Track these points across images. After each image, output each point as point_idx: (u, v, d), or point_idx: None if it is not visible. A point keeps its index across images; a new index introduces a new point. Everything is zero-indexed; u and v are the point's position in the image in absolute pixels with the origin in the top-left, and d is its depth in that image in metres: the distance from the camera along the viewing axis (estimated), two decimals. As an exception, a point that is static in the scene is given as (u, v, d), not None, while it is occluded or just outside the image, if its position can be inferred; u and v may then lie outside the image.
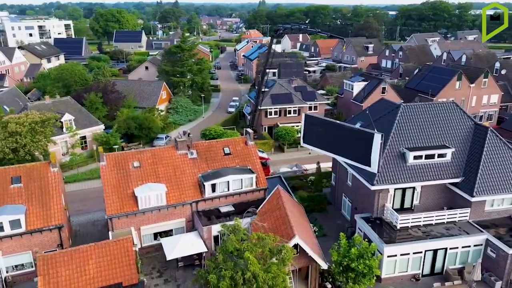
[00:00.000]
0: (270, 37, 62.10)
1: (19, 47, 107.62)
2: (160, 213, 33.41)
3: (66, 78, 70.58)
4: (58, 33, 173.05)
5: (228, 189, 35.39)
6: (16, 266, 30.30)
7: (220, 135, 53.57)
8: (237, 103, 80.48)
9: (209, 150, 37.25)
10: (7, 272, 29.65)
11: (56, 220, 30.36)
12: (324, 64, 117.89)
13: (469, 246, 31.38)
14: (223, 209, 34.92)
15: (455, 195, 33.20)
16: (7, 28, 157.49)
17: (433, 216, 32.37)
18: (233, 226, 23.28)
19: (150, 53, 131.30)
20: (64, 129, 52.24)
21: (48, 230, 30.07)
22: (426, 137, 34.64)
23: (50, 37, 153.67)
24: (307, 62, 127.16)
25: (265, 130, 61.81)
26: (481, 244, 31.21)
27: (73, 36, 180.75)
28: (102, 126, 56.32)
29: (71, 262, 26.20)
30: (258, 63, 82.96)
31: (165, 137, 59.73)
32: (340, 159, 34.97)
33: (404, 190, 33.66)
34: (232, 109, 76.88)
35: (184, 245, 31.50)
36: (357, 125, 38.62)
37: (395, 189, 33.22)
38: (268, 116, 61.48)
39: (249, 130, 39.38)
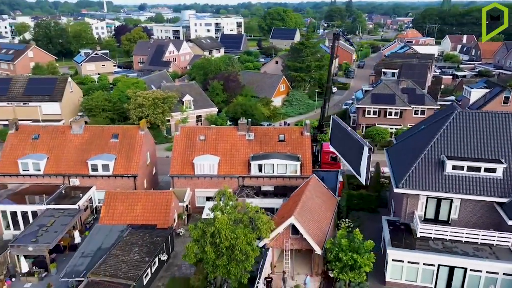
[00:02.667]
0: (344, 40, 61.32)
1: (187, 40, 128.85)
2: (211, 181, 39.63)
3: (205, 67, 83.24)
4: (230, 30, 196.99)
5: (273, 172, 39.22)
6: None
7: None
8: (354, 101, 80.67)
9: (265, 135, 41.61)
10: (98, 202, 40.38)
11: (133, 170, 39.74)
12: (477, 70, 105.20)
13: (497, 273, 28.05)
14: (264, 188, 39.07)
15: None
16: (191, 24, 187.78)
17: (462, 233, 29.86)
18: (222, 191, 27.56)
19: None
20: (184, 107, 63.48)
21: (127, 176, 39.65)
22: (478, 148, 31.59)
23: (223, 33, 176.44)
24: (460, 66, 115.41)
25: (362, 129, 61.70)
26: (514, 275, 27.60)
27: (243, 33, 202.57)
28: (215, 109, 65.89)
29: (125, 201, 34.81)
30: (380, 63, 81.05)
31: (267, 125, 65.74)
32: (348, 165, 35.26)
33: (439, 200, 31.70)
34: (346, 106, 77.74)
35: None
36: (421, 128, 37.59)
37: (427, 197, 31.64)
38: (366, 115, 61.15)
39: (307, 121, 42.06)
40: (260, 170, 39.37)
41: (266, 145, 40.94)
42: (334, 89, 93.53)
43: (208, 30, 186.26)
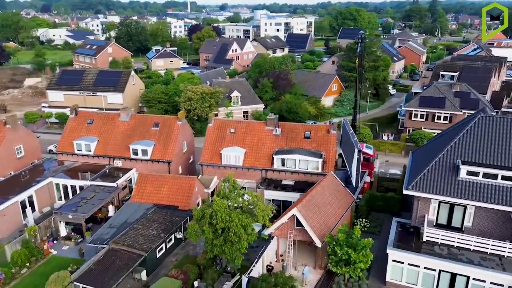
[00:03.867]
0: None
1: (253, 39, 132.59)
2: (237, 171, 41.93)
3: (261, 65, 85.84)
4: (300, 30, 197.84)
5: (295, 167, 40.49)
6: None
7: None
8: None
9: (292, 131, 42.93)
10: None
11: (168, 156, 43.52)
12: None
13: (502, 286, 26.78)
14: (284, 182, 40.50)
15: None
16: (261, 24, 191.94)
17: (471, 240, 28.84)
18: (227, 178, 29.64)
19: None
20: (232, 102, 66.64)
21: (162, 162, 43.53)
22: (498, 155, 30.12)
23: (290, 32, 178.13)
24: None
25: (407, 133, 59.87)
26: (520, 289, 26.18)
27: (313, 32, 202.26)
28: (262, 106, 68.20)
29: (154, 183, 38.55)
30: (440, 65, 76.93)
31: (311, 123, 66.48)
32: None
33: (452, 206, 30.77)
34: (399, 109, 75.41)
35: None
36: (447, 131, 36.67)
37: (440, 202, 30.90)
38: (413, 119, 59.21)
39: (335, 120, 42.47)
40: (282, 164, 40.84)
41: (291, 141, 42.26)
42: (393, 91, 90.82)
43: (278, 30, 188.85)
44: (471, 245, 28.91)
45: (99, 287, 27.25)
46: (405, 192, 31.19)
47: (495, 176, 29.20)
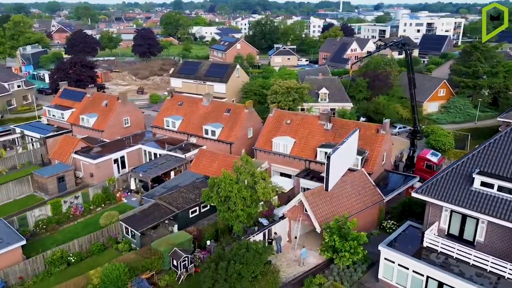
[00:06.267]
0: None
1: (378, 39, 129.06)
2: (284, 159, 45.37)
3: (367, 65, 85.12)
4: (445, 31, 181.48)
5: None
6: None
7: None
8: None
9: (342, 127, 44.15)
10: (206, 159, 51.81)
11: (231, 139, 49.45)
12: None
13: (487, 306, 24.88)
14: (323, 174, 42.17)
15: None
16: (401, 24, 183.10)
17: (470, 254, 27.11)
18: (243, 157, 33.56)
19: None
20: (319, 99, 68.95)
21: (225, 143, 49.67)
22: (523, 169, 27.23)
23: (425, 34, 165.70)
24: None
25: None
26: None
27: (461, 34, 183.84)
28: (350, 104, 68.67)
29: (209, 158, 44.92)
30: None
31: (399, 127, 64.41)
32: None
33: (464, 217, 28.99)
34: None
35: (281, 183, 42.70)
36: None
37: (452, 211, 29.41)
38: (510, 132, 52.42)
39: (386, 120, 42.25)
40: (325, 157, 42.58)
41: (339, 136, 43.42)
42: None
43: (418, 31, 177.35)
44: (470, 259, 27.18)
45: (133, 227, 34.73)
46: (413, 195, 30.59)
47: (510, 191, 26.68)
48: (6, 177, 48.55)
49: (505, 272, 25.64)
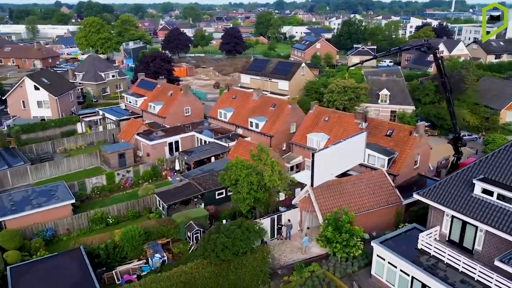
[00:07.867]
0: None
1: (473, 42, 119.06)
2: (317, 154, 46.51)
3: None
4: None
5: (363, 160, 41.95)
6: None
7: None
8: None
9: (377, 127, 43.91)
10: (250, 149, 55.03)
11: (272, 132, 51.93)
12: None
13: (463, 314, 24.10)
14: (349, 172, 42.55)
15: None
16: (510, 24, 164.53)
17: (459, 261, 26.26)
18: (259, 146, 35.84)
19: None
20: (380, 100, 67.53)
21: (266, 135, 52.31)
22: (529, 179, 25.47)
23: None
24: None
25: None
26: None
27: None
28: (412, 107, 66.03)
29: (245, 148, 48.01)
30: None
31: (463, 135, 60.28)
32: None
33: (464, 224, 27.93)
34: None
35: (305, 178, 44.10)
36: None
37: (453, 216, 28.52)
38: None
39: (421, 122, 41.01)
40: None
41: (373, 136, 43.31)
42: None
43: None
44: (459, 265, 26.31)
45: (163, 200, 39.54)
46: (415, 197, 30.20)
47: (511, 200, 25.24)
48: (84, 150, 57.54)
49: (491, 283, 24.44)
